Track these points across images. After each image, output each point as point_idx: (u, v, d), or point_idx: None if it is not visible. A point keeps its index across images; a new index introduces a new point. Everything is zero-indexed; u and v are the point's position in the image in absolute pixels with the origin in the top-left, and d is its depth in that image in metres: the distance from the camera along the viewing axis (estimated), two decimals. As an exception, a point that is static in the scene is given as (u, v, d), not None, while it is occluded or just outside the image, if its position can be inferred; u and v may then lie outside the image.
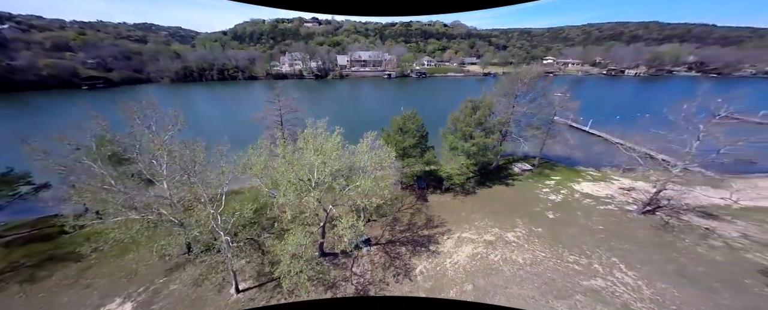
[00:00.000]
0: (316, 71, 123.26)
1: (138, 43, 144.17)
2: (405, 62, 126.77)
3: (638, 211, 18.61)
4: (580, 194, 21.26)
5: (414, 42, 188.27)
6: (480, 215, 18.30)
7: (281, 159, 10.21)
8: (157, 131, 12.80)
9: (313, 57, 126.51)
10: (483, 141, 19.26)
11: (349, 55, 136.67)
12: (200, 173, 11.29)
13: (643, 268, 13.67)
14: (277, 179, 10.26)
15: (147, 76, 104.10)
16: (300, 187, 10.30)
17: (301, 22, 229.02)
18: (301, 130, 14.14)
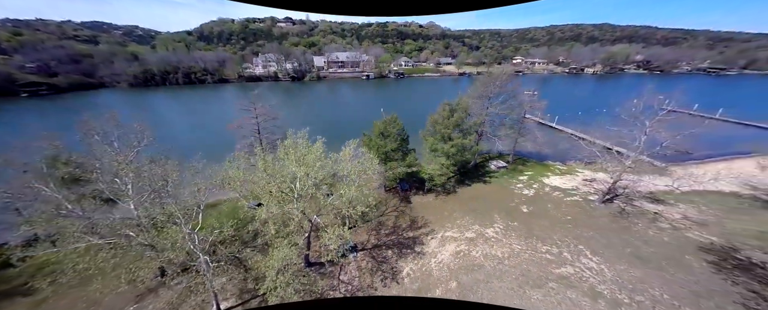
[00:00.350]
0: (292, 73, 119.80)
1: (87, 44, 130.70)
2: (383, 63, 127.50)
3: (599, 200, 20.51)
4: (549, 188, 22.94)
5: (391, 42, 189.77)
6: (461, 214, 19.09)
7: (262, 173, 9.91)
8: (120, 148, 11.80)
9: (289, 58, 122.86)
10: (461, 142, 20.09)
11: (325, 56, 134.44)
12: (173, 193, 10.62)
13: (605, 252, 15.15)
14: (258, 193, 9.96)
15: (100, 80, 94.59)
16: (282, 199, 10.10)
17: (274, 22, 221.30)
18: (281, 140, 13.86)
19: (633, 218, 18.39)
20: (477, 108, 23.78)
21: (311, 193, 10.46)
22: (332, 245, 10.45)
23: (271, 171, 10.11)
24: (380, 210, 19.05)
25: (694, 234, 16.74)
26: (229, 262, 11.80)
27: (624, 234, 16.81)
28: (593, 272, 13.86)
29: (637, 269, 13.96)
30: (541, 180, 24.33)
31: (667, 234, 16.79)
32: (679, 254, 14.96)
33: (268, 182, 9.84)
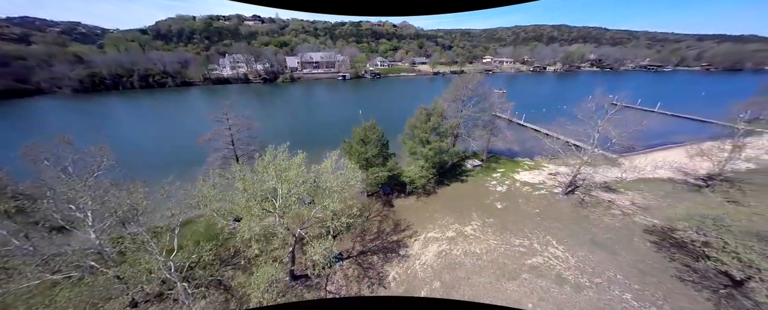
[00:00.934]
0: (263, 74, 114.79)
1: (18, 43, 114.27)
2: (358, 63, 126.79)
3: (562, 193, 22.57)
4: (520, 183, 24.75)
5: (365, 42, 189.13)
6: (441, 214, 19.97)
7: (242, 192, 9.64)
8: (76, 174, 10.72)
9: (259, 59, 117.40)
10: (439, 145, 20.95)
11: (299, 56, 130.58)
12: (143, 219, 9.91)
13: (569, 241, 16.82)
14: (239, 213, 9.67)
15: (36, 86, 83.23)
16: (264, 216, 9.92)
17: (241, 20, 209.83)
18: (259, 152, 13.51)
19: (591, 208, 20.53)
20: (452, 111, 24.91)
21: (294, 209, 10.40)
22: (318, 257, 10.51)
23: (252, 190, 9.87)
24: (364, 216, 19.28)
25: (639, 218, 19.16)
26: (209, 285, 11.33)
27: (584, 223, 18.74)
28: (559, 260, 15.36)
29: (595, 254, 15.71)
30: (513, 176, 26.15)
31: (618, 220, 19.02)
32: (629, 238, 17.08)
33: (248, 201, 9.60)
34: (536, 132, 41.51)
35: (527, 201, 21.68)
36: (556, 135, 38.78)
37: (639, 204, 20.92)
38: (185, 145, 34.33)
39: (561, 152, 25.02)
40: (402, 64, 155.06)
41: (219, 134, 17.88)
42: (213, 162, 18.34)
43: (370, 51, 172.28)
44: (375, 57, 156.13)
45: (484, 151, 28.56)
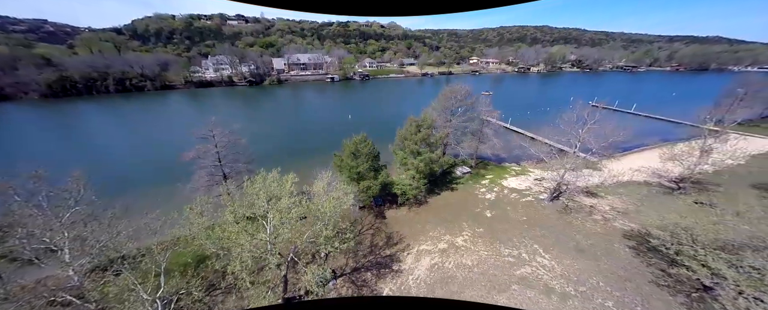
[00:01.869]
0: (249, 77, 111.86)
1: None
2: (347, 65, 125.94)
3: (548, 199, 23.42)
4: (507, 190, 25.47)
5: (353, 43, 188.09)
6: (433, 225, 20.26)
7: (233, 226, 9.36)
8: (51, 209, 10.10)
9: (244, 61, 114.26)
10: (429, 156, 21.21)
11: (286, 57, 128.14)
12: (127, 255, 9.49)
13: (554, 249, 17.51)
14: (229, 246, 9.41)
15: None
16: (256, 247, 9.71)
17: (224, 20, 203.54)
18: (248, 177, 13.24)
19: (574, 214, 21.42)
20: (441, 121, 25.27)
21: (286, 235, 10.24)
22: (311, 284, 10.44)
23: (242, 225, 9.59)
24: (356, 230, 19.26)
25: (619, 223, 20.19)
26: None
27: (568, 229, 19.55)
28: (546, 269, 15.96)
29: (579, 262, 16.44)
30: (501, 183, 26.87)
31: (600, 226, 19.96)
32: (609, 243, 17.97)
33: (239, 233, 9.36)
34: (522, 136, 42.83)
35: (515, 208, 22.35)
36: (541, 139, 40.28)
37: (618, 209, 22.02)
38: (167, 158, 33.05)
39: (546, 159, 26.08)
40: (390, 65, 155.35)
41: (204, 151, 17.33)
42: (198, 180, 17.78)
43: (358, 52, 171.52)
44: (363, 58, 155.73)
45: (473, 158, 29.16)
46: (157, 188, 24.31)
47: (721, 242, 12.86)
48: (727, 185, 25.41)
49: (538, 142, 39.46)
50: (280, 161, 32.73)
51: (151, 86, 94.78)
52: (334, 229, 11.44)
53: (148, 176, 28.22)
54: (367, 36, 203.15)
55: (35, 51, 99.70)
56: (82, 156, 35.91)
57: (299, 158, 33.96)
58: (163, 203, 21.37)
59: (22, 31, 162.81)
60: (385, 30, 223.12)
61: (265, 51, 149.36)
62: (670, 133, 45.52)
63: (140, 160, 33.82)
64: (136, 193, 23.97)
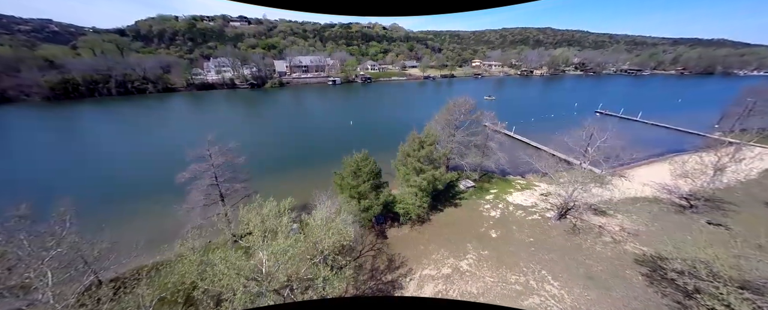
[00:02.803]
0: (251, 79, 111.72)
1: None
2: (349, 67, 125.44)
3: (555, 217, 22.68)
4: (513, 206, 24.73)
5: (355, 45, 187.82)
6: (436, 246, 19.57)
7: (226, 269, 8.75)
8: (33, 249, 9.53)
9: (247, 63, 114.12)
10: (432, 174, 20.54)
11: (288, 60, 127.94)
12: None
13: (563, 276, 16.77)
14: (222, 286, 8.82)
15: (1, 94, 77.58)
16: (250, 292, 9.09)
17: (226, 21, 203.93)
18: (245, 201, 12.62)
19: (583, 235, 20.67)
20: (445, 135, 24.61)
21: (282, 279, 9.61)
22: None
23: (238, 265, 9.00)
24: (357, 251, 18.62)
25: (630, 246, 19.41)
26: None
27: (577, 253, 18.80)
28: (556, 299, 15.23)
29: (590, 291, 15.69)
30: (505, 198, 26.13)
31: (610, 249, 19.20)
32: (621, 269, 17.21)
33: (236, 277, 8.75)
34: (527, 145, 42.05)
35: (521, 228, 21.62)
36: (546, 150, 39.50)
37: (628, 229, 21.24)
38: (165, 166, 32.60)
39: (551, 173, 25.44)
40: (392, 67, 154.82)
41: (201, 171, 16.77)
42: (194, 200, 17.20)
43: (360, 54, 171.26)
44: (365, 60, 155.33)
45: (477, 172, 28.46)
46: (153, 204, 23.82)
47: (743, 279, 12.10)
48: (740, 203, 24.54)
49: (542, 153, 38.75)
50: (279, 174, 32.17)
51: (152, 89, 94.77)
52: (333, 264, 10.82)
53: (145, 187, 27.73)
54: (370, 38, 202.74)
55: (38, 52, 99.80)
56: (78, 165, 35.55)
57: (299, 169, 33.41)
58: (155, 225, 20.89)
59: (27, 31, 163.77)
60: (387, 32, 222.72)
61: (268, 53, 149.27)
62: (678, 142, 44.54)
63: (137, 168, 33.37)
64: (131, 209, 23.48)
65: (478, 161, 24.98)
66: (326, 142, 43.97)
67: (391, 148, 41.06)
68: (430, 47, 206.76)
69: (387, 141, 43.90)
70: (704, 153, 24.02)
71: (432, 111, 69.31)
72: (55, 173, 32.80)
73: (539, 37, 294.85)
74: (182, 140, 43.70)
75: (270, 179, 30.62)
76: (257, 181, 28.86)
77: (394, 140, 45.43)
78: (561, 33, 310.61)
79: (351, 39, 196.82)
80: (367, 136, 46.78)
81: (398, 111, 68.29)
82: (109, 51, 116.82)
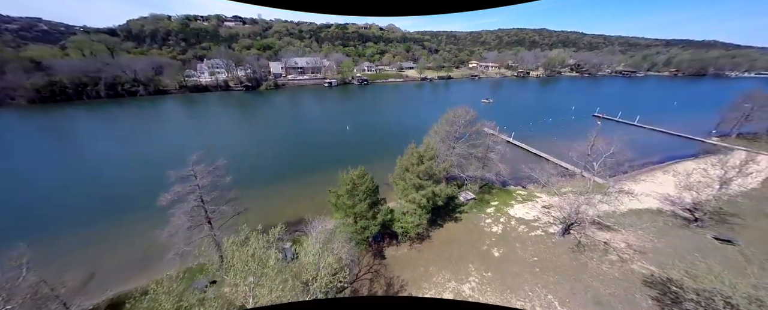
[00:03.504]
0: (245, 81, 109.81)
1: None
2: (345, 69, 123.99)
3: (559, 233, 21.93)
4: (515, 220, 23.94)
5: (352, 46, 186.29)
6: (437, 267, 18.65)
7: None
8: None
9: (241, 64, 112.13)
10: (432, 190, 19.62)
11: (283, 61, 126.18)
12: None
13: (571, 301, 15.97)
14: None
15: (-17, 97, 74.70)
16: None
17: (221, 21, 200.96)
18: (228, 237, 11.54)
19: (588, 252, 19.93)
20: (444, 148, 23.72)
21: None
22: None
23: None
24: (353, 275, 17.60)
25: (637, 265, 18.71)
26: None
27: (583, 274, 18.03)
28: (564, 329, 14.40)
29: (599, 318, 14.90)
30: (507, 211, 25.33)
31: (617, 268, 18.47)
32: (630, 293, 16.47)
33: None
34: (526, 152, 41.42)
35: (524, 245, 20.82)
36: (546, 157, 38.91)
37: (634, 246, 20.56)
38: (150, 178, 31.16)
39: (552, 183, 24.80)
40: (389, 69, 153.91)
41: (185, 193, 15.59)
42: (177, 223, 16.01)
43: (356, 55, 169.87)
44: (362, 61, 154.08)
45: (477, 183, 27.63)
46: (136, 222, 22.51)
47: (765, 313, 11.37)
48: (745, 215, 24.07)
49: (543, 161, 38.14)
50: (272, 185, 30.85)
51: (143, 91, 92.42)
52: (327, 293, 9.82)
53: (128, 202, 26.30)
54: (366, 38, 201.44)
55: (25, 53, 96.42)
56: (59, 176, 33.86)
57: (293, 180, 32.18)
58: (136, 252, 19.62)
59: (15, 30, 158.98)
60: (384, 32, 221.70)
61: (263, 53, 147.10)
62: (676, 148, 44.35)
63: (121, 180, 31.83)
64: (110, 232, 22.15)
65: (479, 174, 24.12)
66: (322, 149, 42.84)
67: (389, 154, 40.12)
68: (427, 48, 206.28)
69: (385, 147, 42.95)
70: (710, 167, 23.42)
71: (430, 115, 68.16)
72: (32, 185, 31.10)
73: (535, 38, 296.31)
74: (171, 148, 42.22)
75: (262, 191, 29.43)
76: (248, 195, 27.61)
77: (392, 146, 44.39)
78: (557, 34, 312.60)
79: (347, 40, 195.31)
80: (364, 142, 45.75)
81: (396, 115, 67.32)
82: (99, 52, 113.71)
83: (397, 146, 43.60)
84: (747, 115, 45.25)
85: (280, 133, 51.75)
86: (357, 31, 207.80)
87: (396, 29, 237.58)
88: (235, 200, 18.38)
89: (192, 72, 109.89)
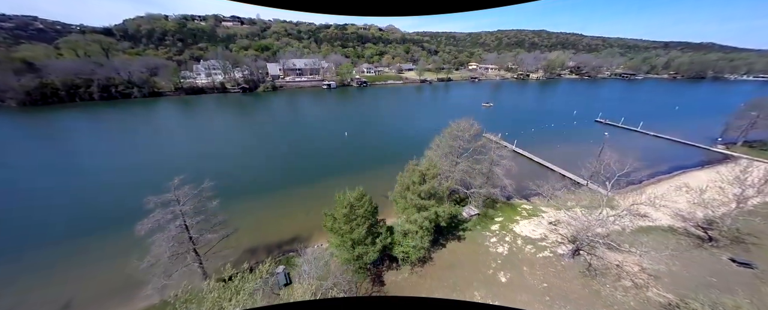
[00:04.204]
0: (242, 83, 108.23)
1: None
2: (344, 70, 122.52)
3: (568, 255, 20.77)
4: (521, 240, 22.75)
5: (351, 47, 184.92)
6: (440, 294, 17.41)
7: None
8: None
9: (239, 66, 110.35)
10: (435, 211, 18.40)
11: (281, 62, 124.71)
12: None
13: (586, 337, 14.77)
14: None
15: (-28, 100, 72.71)
16: None
17: (218, 21, 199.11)
18: (209, 281, 10.23)
19: (600, 277, 18.78)
20: (447, 164, 22.48)
21: None
22: None
23: None
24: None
25: (653, 293, 17.58)
26: None
27: (597, 302, 16.89)
28: (580, 371, 13.21)
29: (617, 358, 13.72)
30: (512, 229, 24.16)
31: (632, 296, 17.33)
32: (648, 327, 15.30)
33: None
34: (530, 160, 40.32)
35: (532, 268, 19.64)
36: (550, 166, 37.82)
37: (649, 270, 19.42)
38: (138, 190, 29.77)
39: (557, 196, 23.76)
40: (389, 70, 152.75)
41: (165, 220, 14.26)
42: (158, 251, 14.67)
43: (355, 56, 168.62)
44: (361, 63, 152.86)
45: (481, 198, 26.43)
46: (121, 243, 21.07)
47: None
48: (761, 235, 23.01)
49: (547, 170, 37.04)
50: (264, 199, 29.24)
51: (138, 93, 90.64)
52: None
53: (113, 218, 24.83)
54: (365, 39, 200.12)
55: (17, 54, 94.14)
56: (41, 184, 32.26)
57: (287, 193, 30.69)
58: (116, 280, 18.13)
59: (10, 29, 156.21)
60: (384, 33, 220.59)
61: (261, 54, 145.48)
62: (682, 156, 43.41)
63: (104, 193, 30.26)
64: (91, 255, 20.70)
65: (484, 191, 22.91)
66: (319, 157, 41.51)
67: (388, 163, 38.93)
68: (426, 49, 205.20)
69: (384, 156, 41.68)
70: (727, 185, 22.34)
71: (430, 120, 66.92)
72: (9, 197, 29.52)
73: (534, 39, 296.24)
74: (160, 156, 40.51)
75: (255, 204, 28.11)
76: (240, 209, 26.32)
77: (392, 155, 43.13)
78: (556, 36, 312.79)
79: (346, 40, 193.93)
80: (362, 150, 44.48)
81: (396, 120, 66.00)
82: (93, 52, 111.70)
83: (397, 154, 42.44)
84: (753, 123, 44.37)
85: (276, 139, 50.29)
86: (356, 32, 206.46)
87: (395, 30, 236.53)
88: (223, 223, 17.05)
89: (188, 73, 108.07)
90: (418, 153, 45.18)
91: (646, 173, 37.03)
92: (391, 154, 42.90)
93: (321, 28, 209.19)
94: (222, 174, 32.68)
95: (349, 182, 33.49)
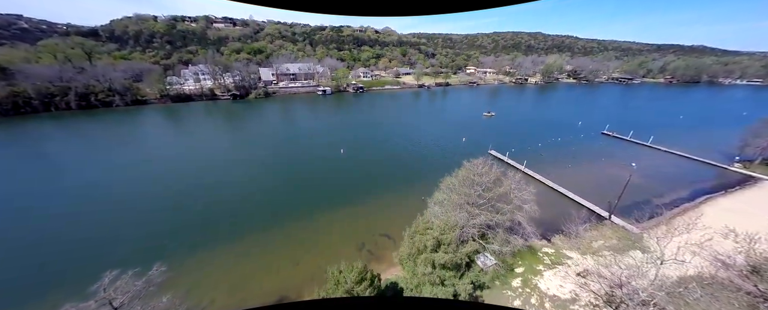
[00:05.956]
0: (233, 89, 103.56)
1: None
2: (340, 76, 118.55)
3: (607, 324, 17.55)
4: (548, 299, 19.51)
5: (347, 49, 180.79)
6: None
7: None
8: None
9: (230, 71, 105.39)
10: (453, 283, 14.96)
11: (274, 67, 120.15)
12: None
13: None
14: None
15: (-68, 112, 66.70)
16: None
17: (210, 22, 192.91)
18: None
19: (651, 360, 15.53)
20: (462, 220, 18.98)
21: None
22: None
23: None
24: None
25: (719, 384, 14.39)
26: None
27: None
28: None
29: None
30: (536, 284, 20.90)
31: None
32: None
33: None
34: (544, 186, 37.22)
35: (568, 346, 16.33)
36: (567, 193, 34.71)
37: (706, 347, 16.29)
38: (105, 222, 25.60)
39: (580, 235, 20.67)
40: (386, 74, 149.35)
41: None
42: None
43: (351, 59, 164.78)
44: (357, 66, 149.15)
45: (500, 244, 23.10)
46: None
47: None
48: (819, 289, 20.12)
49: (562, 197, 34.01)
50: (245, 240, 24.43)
51: (120, 101, 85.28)
52: None
53: (58, 272, 20.73)
54: (362, 42, 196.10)
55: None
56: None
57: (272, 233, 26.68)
58: None
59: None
60: (380, 36, 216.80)
61: (253, 58, 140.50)
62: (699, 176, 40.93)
63: (69, 232, 26.06)
64: None
65: (507, 249, 19.56)
66: (312, 180, 37.70)
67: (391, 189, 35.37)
68: (423, 52, 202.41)
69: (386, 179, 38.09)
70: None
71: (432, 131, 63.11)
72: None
73: (531, 42, 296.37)
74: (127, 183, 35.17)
75: (233, 248, 24.21)
76: (214, 256, 22.48)
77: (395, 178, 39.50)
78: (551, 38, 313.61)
79: (342, 43, 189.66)
80: (361, 172, 40.75)
81: (397, 132, 62.25)
82: (75, 56, 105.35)
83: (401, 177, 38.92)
84: (773, 142, 42.14)
85: (263, 161, 45.59)
86: (352, 34, 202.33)
87: (392, 32, 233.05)
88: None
89: (175, 79, 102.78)
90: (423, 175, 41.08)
91: (668, 199, 34.38)
92: (393, 176, 39.42)
93: (316, 30, 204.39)
94: (193, 213, 28.87)
95: (345, 217, 30.06)
